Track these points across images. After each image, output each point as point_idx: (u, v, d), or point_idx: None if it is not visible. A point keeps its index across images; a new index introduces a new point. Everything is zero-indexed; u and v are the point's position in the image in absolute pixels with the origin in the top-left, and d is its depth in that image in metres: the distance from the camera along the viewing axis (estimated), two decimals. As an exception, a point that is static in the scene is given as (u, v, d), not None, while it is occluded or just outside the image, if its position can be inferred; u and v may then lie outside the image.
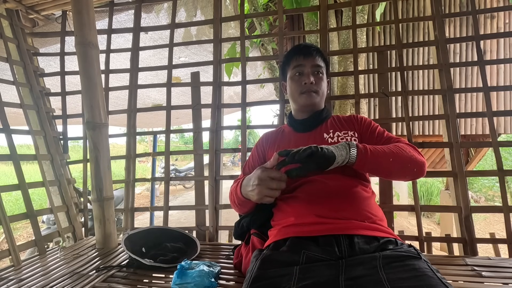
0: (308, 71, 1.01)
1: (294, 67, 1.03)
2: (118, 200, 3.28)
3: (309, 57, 1.02)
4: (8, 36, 1.59)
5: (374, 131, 1.00)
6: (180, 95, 3.51)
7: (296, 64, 1.02)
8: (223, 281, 0.99)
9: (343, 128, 1.01)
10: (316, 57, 1.02)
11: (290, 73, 1.05)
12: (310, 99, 1.01)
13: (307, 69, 1.01)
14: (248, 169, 1.10)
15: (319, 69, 1.02)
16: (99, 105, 1.33)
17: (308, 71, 1.01)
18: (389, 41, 3.91)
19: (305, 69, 1.01)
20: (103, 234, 1.34)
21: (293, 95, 1.05)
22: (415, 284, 0.61)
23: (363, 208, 0.84)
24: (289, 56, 1.06)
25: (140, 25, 1.74)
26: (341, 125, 1.03)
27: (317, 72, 1.02)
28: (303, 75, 1.01)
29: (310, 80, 0.99)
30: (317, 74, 1.02)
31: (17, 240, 1.49)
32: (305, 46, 1.04)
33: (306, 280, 0.66)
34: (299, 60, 1.02)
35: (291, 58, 1.05)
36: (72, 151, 1.80)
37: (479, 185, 8.16)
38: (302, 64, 1.01)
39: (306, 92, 1.01)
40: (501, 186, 1.29)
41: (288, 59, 1.06)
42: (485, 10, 1.82)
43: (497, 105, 3.73)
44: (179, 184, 8.85)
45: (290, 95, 1.07)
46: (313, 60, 1.02)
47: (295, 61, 1.03)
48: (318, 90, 1.01)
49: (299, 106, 1.05)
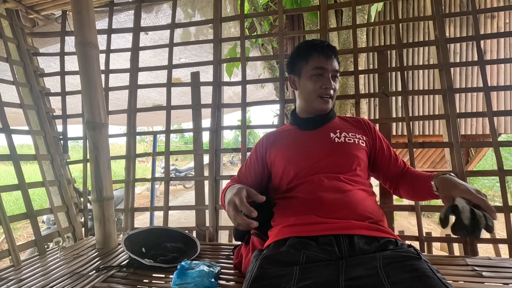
0: (329, 75, 0.97)
1: (315, 68, 0.97)
2: (118, 200, 3.28)
3: (330, 59, 0.97)
4: (8, 36, 1.59)
5: (387, 148, 1.04)
6: (180, 95, 3.51)
7: (317, 65, 0.97)
8: (223, 281, 0.99)
9: (350, 130, 1.01)
10: (335, 61, 0.99)
11: (308, 71, 0.99)
12: (326, 105, 1.00)
13: (328, 73, 0.97)
14: (245, 170, 1.09)
15: (337, 74, 1.00)
16: (99, 105, 1.33)
17: (328, 75, 0.97)
18: (389, 41, 3.91)
19: (326, 72, 0.97)
20: (103, 234, 1.34)
21: (308, 95, 1.00)
22: (415, 284, 0.61)
23: (363, 208, 0.84)
24: (307, 52, 1.00)
25: (140, 25, 1.74)
26: (349, 126, 1.03)
27: (335, 76, 0.99)
28: (323, 78, 0.97)
29: (332, 85, 0.97)
30: (334, 78, 0.99)
31: (17, 240, 1.49)
32: (328, 46, 0.99)
33: (306, 280, 0.66)
34: (321, 61, 0.97)
35: (310, 55, 0.98)
36: (72, 151, 1.80)
37: (479, 185, 8.15)
38: (323, 67, 0.97)
39: (324, 96, 0.98)
40: (502, 186, 1.28)
41: (306, 54, 1.00)
42: (485, 10, 1.82)
43: (497, 105, 3.73)
44: (179, 184, 8.84)
45: (303, 93, 1.02)
46: (333, 64, 0.98)
47: (316, 61, 0.97)
48: (334, 95, 1.00)
49: (312, 109, 1.02)
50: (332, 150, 0.95)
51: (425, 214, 6.23)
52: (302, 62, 1.00)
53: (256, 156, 1.08)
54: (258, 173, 1.07)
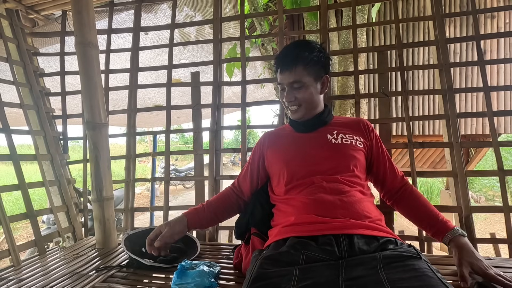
0: (288, 88, 0.98)
1: (278, 83, 1.01)
2: (118, 200, 3.28)
3: (286, 72, 0.96)
4: (8, 36, 1.59)
5: (383, 153, 1.04)
6: (180, 95, 3.52)
7: (278, 81, 1.00)
8: (223, 281, 0.99)
9: (348, 131, 1.01)
10: (294, 70, 0.95)
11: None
12: (296, 115, 1.02)
13: (286, 86, 0.98)
14: (244, 175, 1.12)
15: (298, 84, 0.96)
16: (99, 105, 1.33)
17: (288, 89, 0.98)
18: (389, 41, 3.91)
19: (285, 86, 0.99)
20: (103, 234, 1.34)
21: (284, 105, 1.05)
22: (415, 284, 0.61)
23: (362, 208, 0.84)
24: (275, 64, 1.03)
25: (140, 25, 1.74)
26: (347, 127, 1.03)
27: (296, 87, 0.97)
28: (284, 91, 1.00)
29: (289, 98, 0.98)
30: (297, 88, 0.97)
31: (17, 240, 1.49)
32: (283, 57, 0.98)
33: (306, 280, 0.66)
34: (280, 76, 0.99)
35: (277, 70, 1.01)
36: (72, 151, 1.80)
37: (479, 185, 8.15)
38: (281, 83, 0.99)
39: (291, 107, 1.00)
40: (502, 186, 1.28)
41: (275, 67, 1.03)
42: (485, 10, 1.81)
43: (497, 105, 3.73)
44: (179, 184, 8.85)
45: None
46: (290, 76, 0.95)
47: (278, 76, 1.00)
48: (301, 103, 0.99)
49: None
50: (329, 151, 0.95)
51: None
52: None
53: (257, 155, 1.10)
54: (255, 177, 1.10)
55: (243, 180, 1.12)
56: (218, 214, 1.10)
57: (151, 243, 1.02)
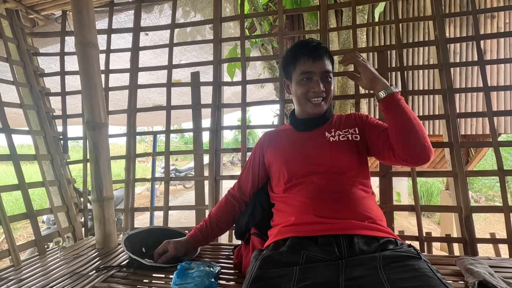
0: (318, 78, 0.93)
1: (302, 73, 0.94)
2: (118, 200, 3.28)
3: (319, 61, 0.93)
4: (8, 36, 1.59)
5: (379, 124, 0.99)
6: (180, 95, 3.51)
7: (304, 70, 0.94)
8: (223, 281, 0.99)
9: (343, 127, 1.00)
10: (325, 61, 0.94)
11: (296, 77, 0.96)
12: (318, 109, 0.97)
13: (316, 76, 0.93)
14: (247, 170, 1.12)
15: (329, 74, 0.95)
16: (99, 105, 1.33)
17: (317, 78, 0.93)
18: (389, 41, 3.91)
19: (314, 76, 0.93)
20: (103, 234, 1.34)
21: (299, 100, 0.98)
22: (415, 284, 0.61)
23: (363, 208, 0.84)
24: (295, 57, 0.96)
25: (140, 25, 1.74)
26: (342, 124, 1.02)
27: (326, 77, 0.95)
28: (311, 81, 0.94)
29: (321, 88, 0.93)
30: (326, 79, 0.95)
31: (17, 240, 1.49)
32: (314, 47, 0.94)
33: (306, 280, 0.66)
34: (308, 65, 0.93)
35: (298, 59, 0.95)
36: (72, 151, 1.80)
37: (479, 185, 8.15)
38: (311, 71, 0.93)
39: (315, 99, 0.95)
40: (502, 186, 1.28)
41: (294, 59, 0.96)
42: (485, 10, 1.82)
43: (497, 105, 3.72)
44: (179, 184, 8.84)
45: (295, 98, 1.00)
46: (322, 65, 0.93)
47: (303, 65, 0.94)
48: (327, 96, 0.96)
49: (305, 113, 1.01)
50: (329, 150, 0.95)
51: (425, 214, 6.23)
52: (291, 67, 0.98)
53: (258, 155, 1.10)
54: (256, 176, 1.10)
55: (244, 180, 1.12)
56: (222, 226, 1.12)
57: (158, 257, 1.09)
